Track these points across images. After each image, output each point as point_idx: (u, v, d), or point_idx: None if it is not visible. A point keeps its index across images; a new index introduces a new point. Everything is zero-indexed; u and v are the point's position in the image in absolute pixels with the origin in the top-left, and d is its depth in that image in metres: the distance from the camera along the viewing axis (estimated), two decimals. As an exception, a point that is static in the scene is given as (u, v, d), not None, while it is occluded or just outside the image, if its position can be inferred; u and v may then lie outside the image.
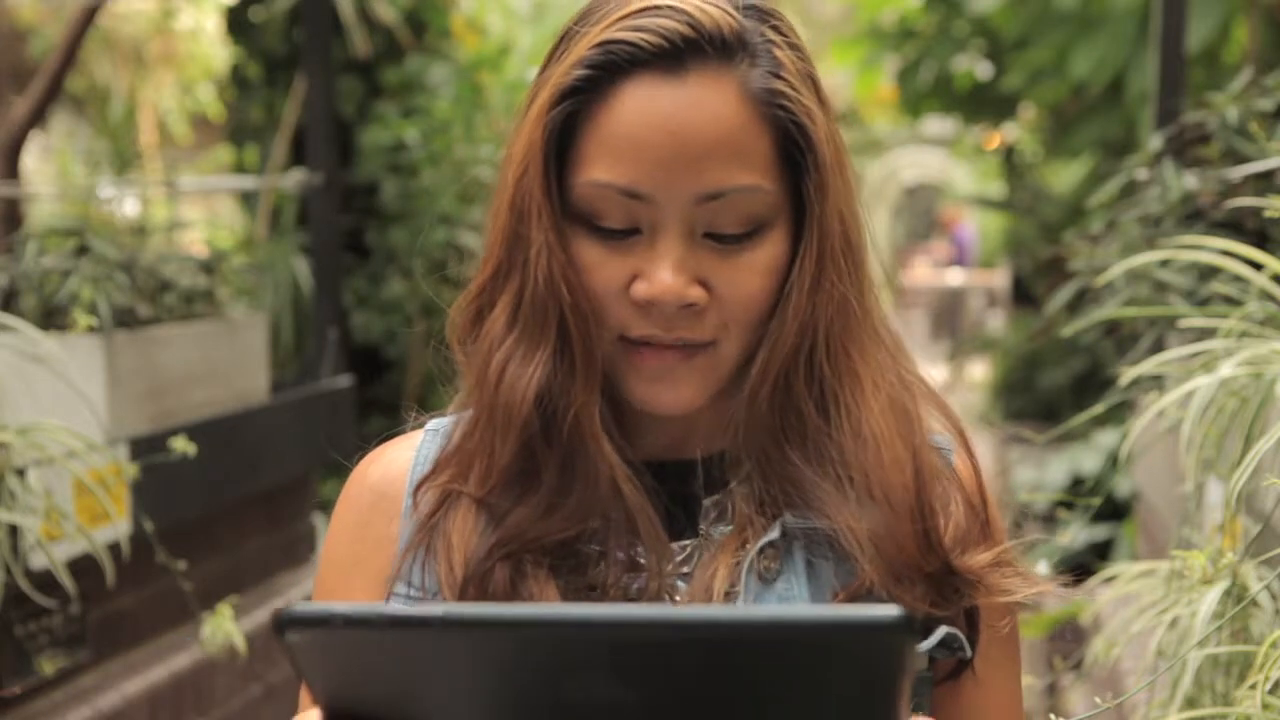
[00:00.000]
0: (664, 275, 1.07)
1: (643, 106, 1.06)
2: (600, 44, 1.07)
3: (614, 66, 1.07)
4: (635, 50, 1.06)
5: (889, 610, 0.74)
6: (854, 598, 1.11)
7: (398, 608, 0.80)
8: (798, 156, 1.10)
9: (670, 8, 1.07)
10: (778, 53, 1.10)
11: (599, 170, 1.07)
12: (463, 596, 1.11)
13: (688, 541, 1.14)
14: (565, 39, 1.12)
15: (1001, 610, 1.17)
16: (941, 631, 1.12)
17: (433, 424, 1.23)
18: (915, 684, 1.13)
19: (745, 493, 1.13)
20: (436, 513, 1.15)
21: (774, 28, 1.11)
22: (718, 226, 1.08)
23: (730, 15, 1.08)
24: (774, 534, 1.12)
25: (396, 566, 1.16)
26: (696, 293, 1.08)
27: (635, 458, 1.13)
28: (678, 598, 1.13)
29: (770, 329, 1.11)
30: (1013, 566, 1.16)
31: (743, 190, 1.07)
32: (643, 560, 1.11)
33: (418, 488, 1.17)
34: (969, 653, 1.14)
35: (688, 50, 1.06)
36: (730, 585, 1.11)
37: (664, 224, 1.07)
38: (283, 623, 0.78)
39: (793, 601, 1.12)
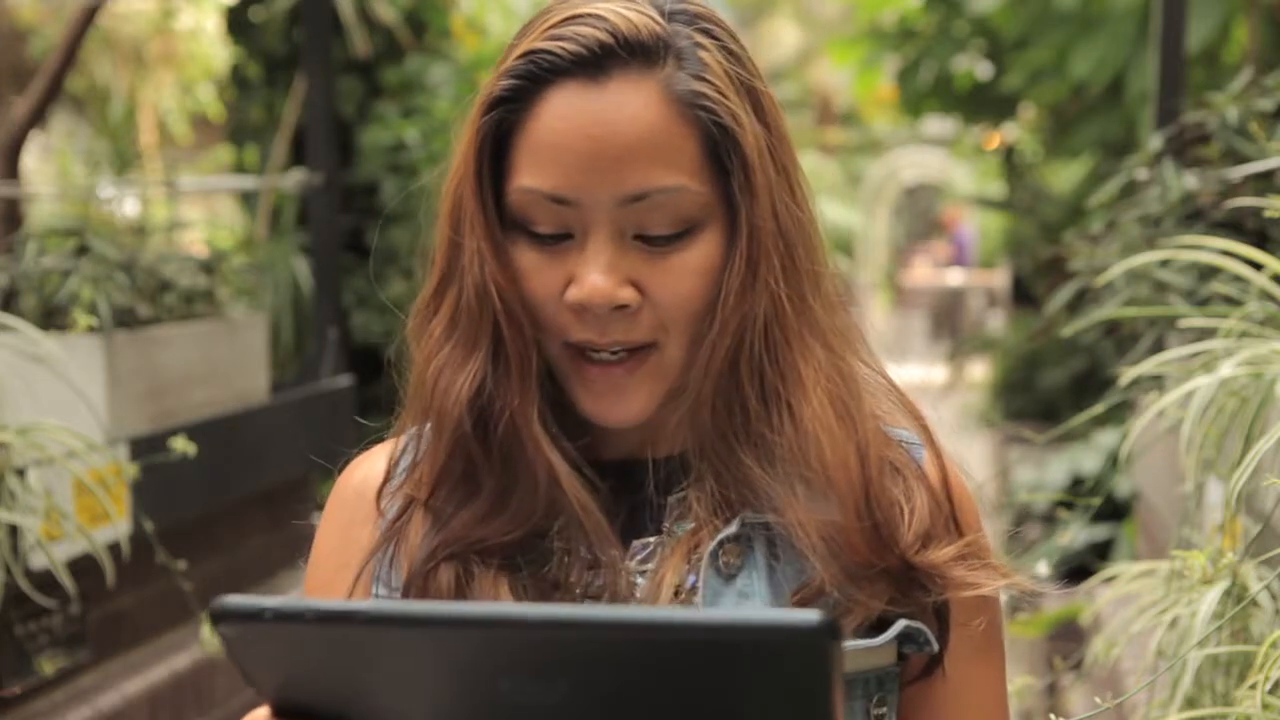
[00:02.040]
0: (594, 278, 1.08)
1: (564, 113, 1.08)
2: (525, 54, 1.10)
3: (537, 76, 1.09)
4: (555, 59, 1.08)
5: (809, 615, 0.75)
6: (807, 596, 1.11)
7: (326, 602, 0.81)
8: (724, 158, 1.10)
9: (592, 15, 1.09)
10: (704, 55, 1.10)
11: (526, 177, 1.09)
12: (405, 598, 1.13)
13: (650, 539, 1.15)
14: (506, 53, 1.13)
15: (973, 607, 1.16)
16: (900, 624, 1.12)
17: (414, 430, 1.23)
18: (881, 679, 1.13)
19: (700, 495, 1.14)
20: (401, 517, 1.17)
21: (704, 31, 1.12)
22: (646, 228, 1.09)
23: (653, 20, 1.09)
24: (732, 529, 1.12)
25: (372, 568, 1.18)
26: (627, 294, 1.09)
27: (604, 457, 1.14)
28: (637, 594, 1.13)
29: (709, 328, 1.11)
30: (980, 560, 1.16)
31: (666, 191, 1.08)
32: (604, 558, 1.12)
33: (379, 493, 1.19)
34: (935, 647, 1.14)
35: (606, 56, 1.08)
36: (689, 581, 1.12)
37: (592, 227, 1.09)
38: (216, 616, 0.80)
39: (752, 598, 1.12)
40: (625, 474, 1.15)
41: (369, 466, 1.23)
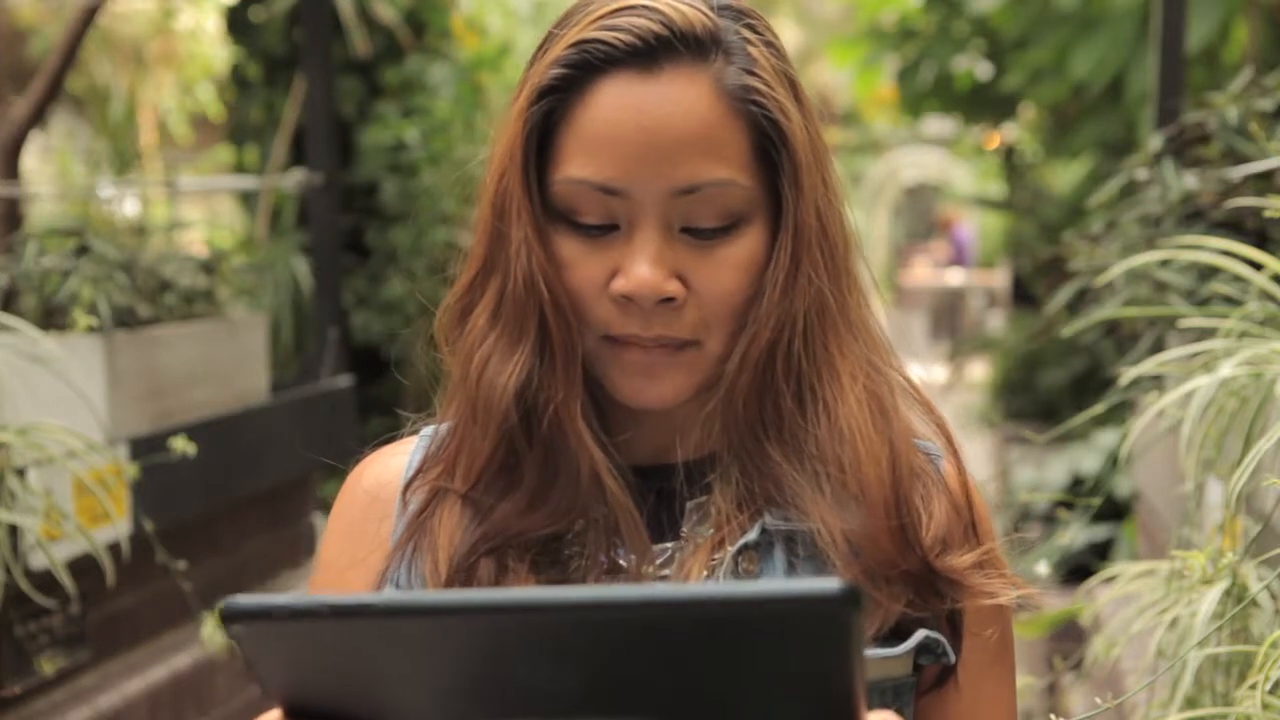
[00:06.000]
0: (641, 269, 1.08)
1: (617, 103, 1.08)
2: (576, 44, 1.09)
3: (589, 65, 1.09)
4: (610, 49, 1.08)
5: (832, 583, 0.74)
6: None
7: (339, 597, 0.80)
8: (773, 152, 1.11)
9: (645, 7, 1.09)
10: (752, 50, 1.11)
11: (575, 167, 1.09)
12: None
13: (669, 544, 1.14)
14: (547, 41, 1.13)
15: (988, 617, 1.16)
16: (920, 634, 1.11)
17: (427, 429, 1.23)
18: (898, 690, 1.13)
19: (725, 491, 1.13)
20: (425, 511, 1.16)
21: (749, 26, 1.12)
22: (694, 221, 1.09)
23: (704, 14, 1.10)
24: (752, 535, 1.12)
25: (385, 567, 1.17)
26: (674, 286, 1.09)
27: (621, 462, 1.13)
28: None
29: (748, 323, 1.11)
30: (997, 569, 1.16)
31: (717, 184, 1.08)
32: (623, 562, 1.12)
33: (408, 486, 1.18)
34: (952, 658, 1.14)
35: (661, 48, 1.08)
36: None
37: (640, 219, 1.09)
38: (228, 616, 0.79)
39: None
40: (644, 479, 1.14)
41: (381, 465, 1.23)
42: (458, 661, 0.80)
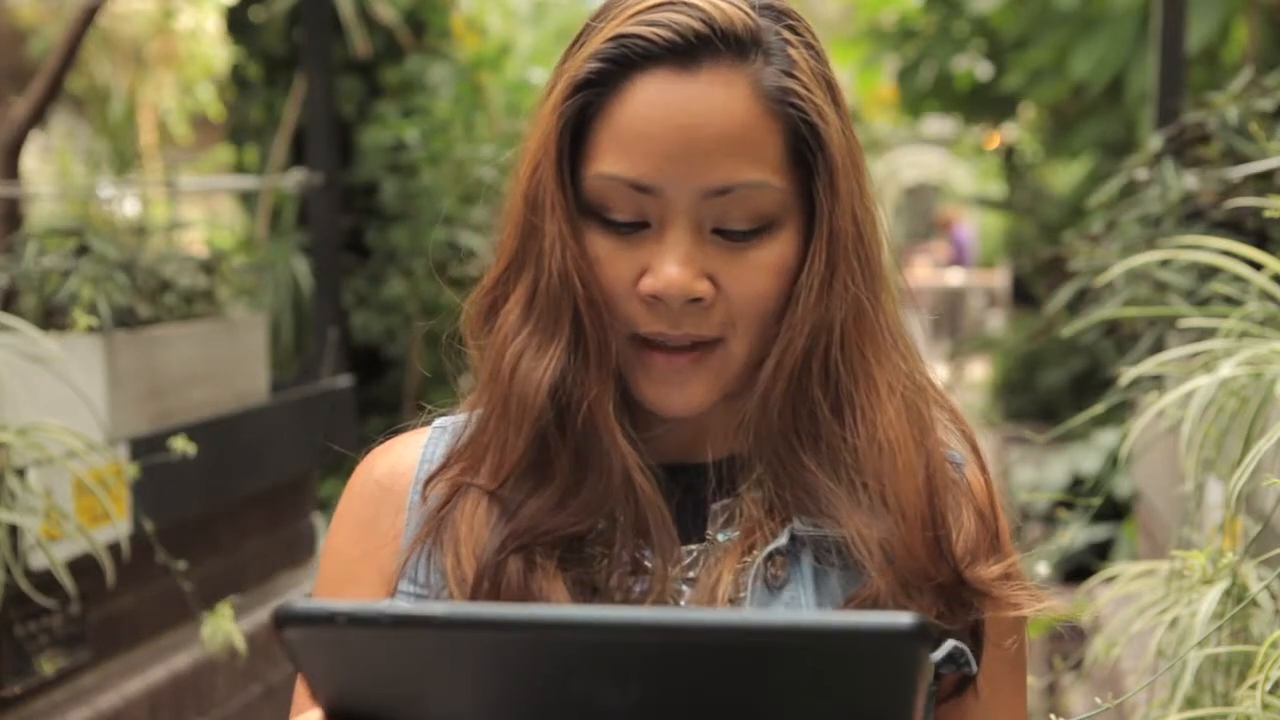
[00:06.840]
0: (670, 269, 1.07)
1: (653, 100, 1.06)
2: (614, 38, 1.08)
3: (627, 60, 1.07)
4: (648, 45, 1.07)
5: (905, 618, 0.73)
6: (861, 607, 1.10)
7: (401, 606, 0.79)
8: (809, 156, 1.10)
9: (686, 4, 1.07)
10: (792, 52, 1.10)
11: (608, 163, 1.08)
12: (475, 591, 1.10)
13: (695, 546, 1.13)
14: (583, 34, 1.12)
15: (1008, 627, 1.16)
16: (949, 645, 1.11)
17: (440, 421, 1.22)
18: None
19: (756, 496, 1.12)
20: (445, 506, 1.14)
21: (789, 27, 1.11)
22: (726, 222, 1.08)
23: (746, 13, 1.08)
24: (782, 540, 1.11)
25: (401, 562, 1.15)
26: (703, 287, 1.08)
27: (649, 460, 1.12)
28: (682, 602, 1.12)
29: (783, 329, 1.10)
30: (1021, 581, 1.15)
31: (751, 186, 1.07)
32: (648, 563, 1.11)
33: (428, 482, 1.17)
34: (974, 668, 1.13)
35: (701, 46, 1.07)
36: (736, 591, 1.11)
37: (672, 218, 1.07)
38: (282, 620, 0.77)
39: (799, 610, 1.10)
40: (671, 476, 1.13)
41: (394, 457, 1.21)
42: (513, 676, 0.79)
